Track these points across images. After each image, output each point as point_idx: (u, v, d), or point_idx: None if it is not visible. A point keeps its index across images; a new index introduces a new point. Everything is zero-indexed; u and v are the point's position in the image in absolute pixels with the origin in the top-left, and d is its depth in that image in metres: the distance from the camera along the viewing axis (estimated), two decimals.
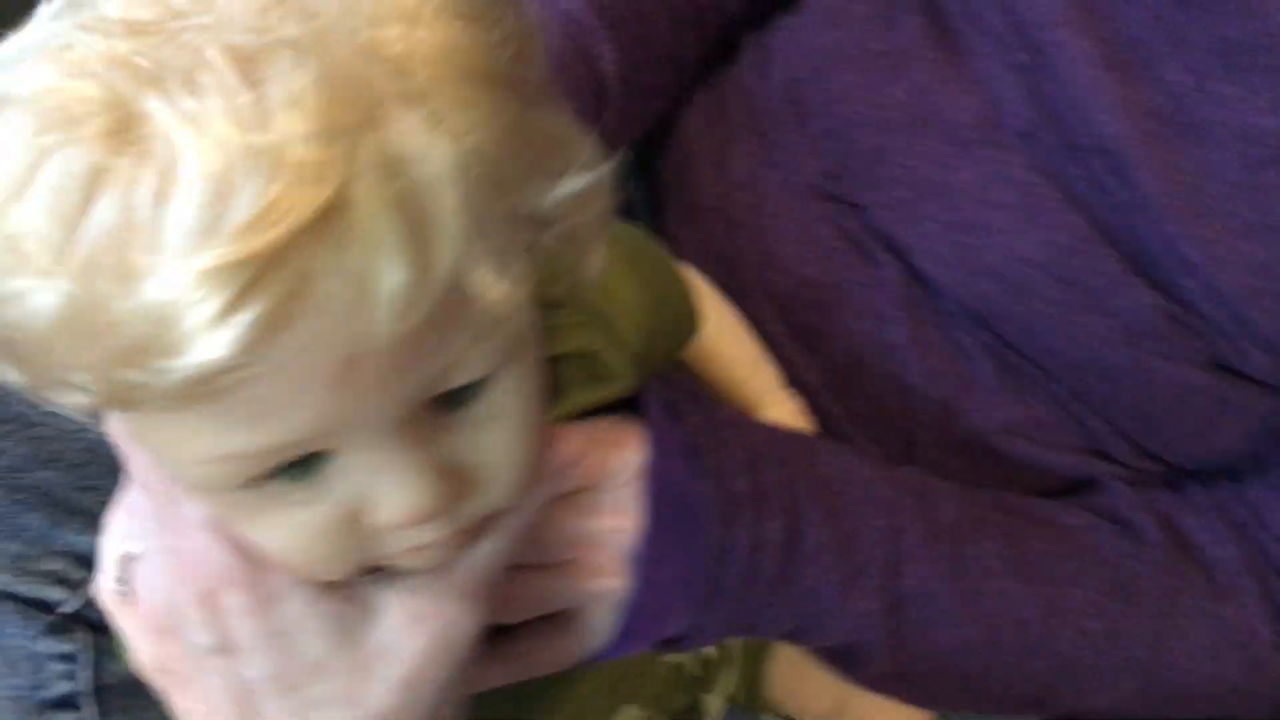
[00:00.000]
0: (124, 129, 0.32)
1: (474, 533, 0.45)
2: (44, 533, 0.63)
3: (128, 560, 0.49)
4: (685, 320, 0.59)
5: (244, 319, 0.32)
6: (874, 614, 0.57)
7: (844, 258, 0.70)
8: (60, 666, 0.62)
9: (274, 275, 0.32)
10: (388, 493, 0.39)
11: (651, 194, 0.81)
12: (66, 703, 0.62)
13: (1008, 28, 0.65)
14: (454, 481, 0.41)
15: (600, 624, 0.53)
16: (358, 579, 0.46)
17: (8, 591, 0.62)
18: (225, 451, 0.37)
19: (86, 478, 0.65)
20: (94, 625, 0.64)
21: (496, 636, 0.50)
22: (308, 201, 0.32)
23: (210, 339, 0.32)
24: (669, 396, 0.55)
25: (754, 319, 0.71)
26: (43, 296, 0.33)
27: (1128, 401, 0.65)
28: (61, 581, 0.64)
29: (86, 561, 0.64)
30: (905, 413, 0.69)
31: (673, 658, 0.63)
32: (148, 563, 0.47)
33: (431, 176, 0.34)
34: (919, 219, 0.67)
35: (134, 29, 0.34)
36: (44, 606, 0.63)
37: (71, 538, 0.64)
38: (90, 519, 0.62)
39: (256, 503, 0.40)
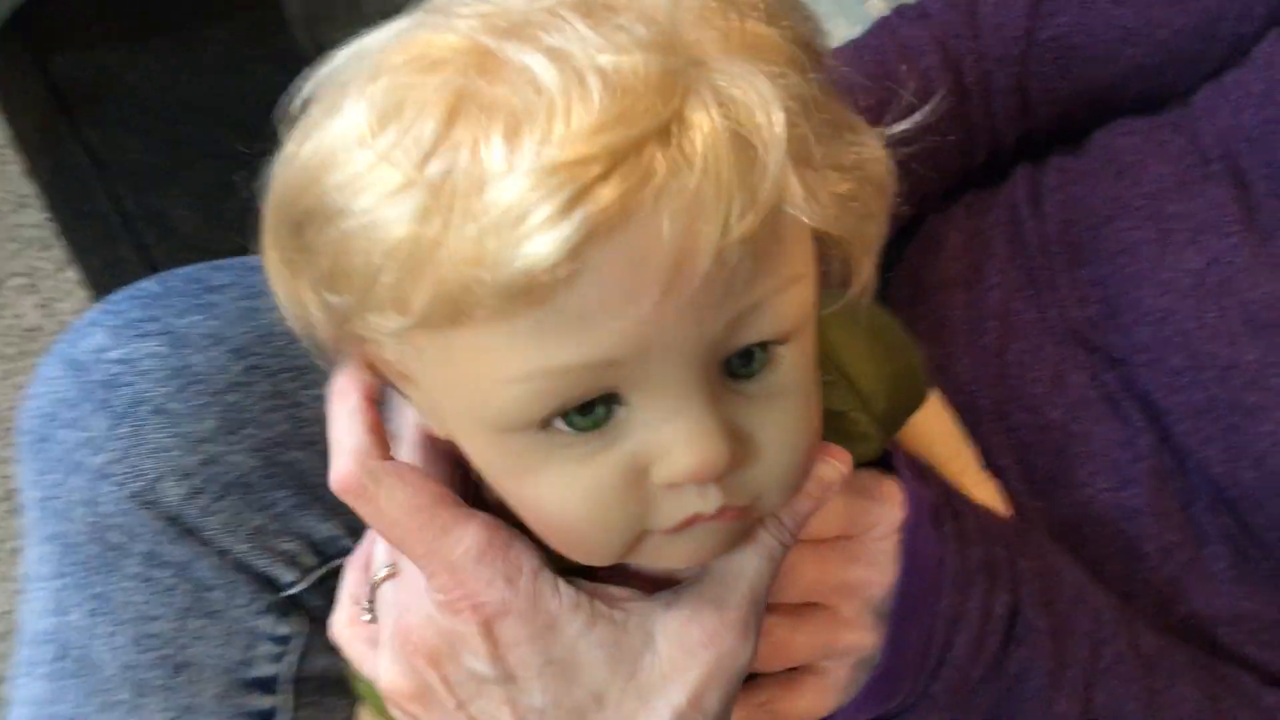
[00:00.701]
0: (482, 63, 0.35)
1: (741, 528, 0.44)
2: (287, 512, 0.64)
3: (378, 586, 0.49)
4: (918, 394, 0.59)
5: (581, 217, 0.34)
6: (1068, 717, 0.55)
7: (1095, 410, 0.68)
8: (273, 648, 0.63)
9: (613, 179, 0.34)
10: (678, 442, 0.39)
11: (888, 280, 0.80)
12: (266, 685, 0.63)
13: None
14: (739, 453, 0.40)
15: (844, 681, 0.52)
16: (632, 606, 0.45)
17: (245, 563, 0.63)
18: (538, 366, 0.36)
19: None
20: (312, 614, 0.65)
21: (743, 688, 0.49)
22: (651, 114, 0.34)
23: (547, 236, 0.33)
24: (913, 461, 0.55)
25: (986, 450, 0.70)
26: (395, 211, 0.35)
27: None
28: (293, 563, 0.65)
29: (320, 549, 0.66)
30: (1127, 581, 0.67)
31: None
32: (409, 588, 0.47)
33: (758, 111, 0.36)
34: (1186, 388, 0.65)
35: (488, 10, 0.37)
36: (273, 585, 0.64)
37: (311, 522, 0.65)
38: (331, 509, 0.65)
39: (542, 454, 0.39)
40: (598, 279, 0.35)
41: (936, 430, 0.66)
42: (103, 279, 1.00)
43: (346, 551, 0.63)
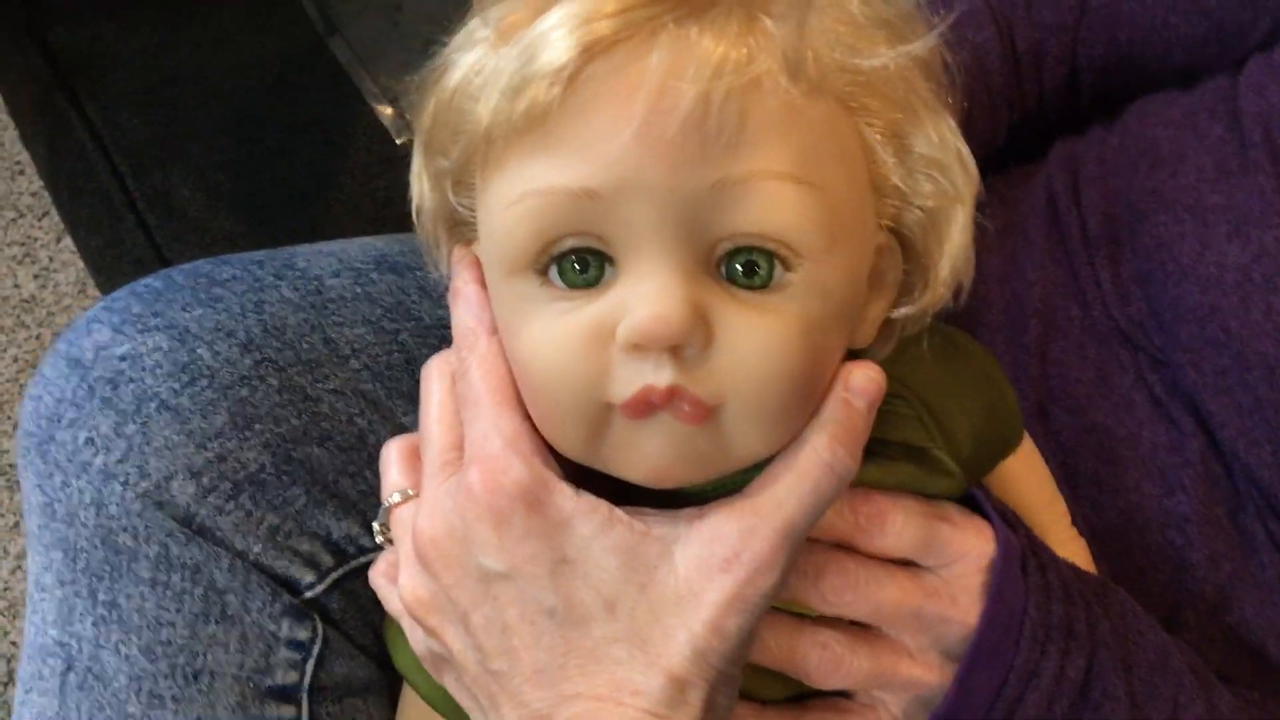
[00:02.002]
0: None
1: (708, 443, 0.43)
2: (303, 510, 0.63)
3: (392, 511, 0.51)
4: (1011, 434, 0.57)
5: (580, 36, 0.40)
6: None
7: (1141, 412, 0.67)
8: (292, 654, 0.61)
9: (618, 19, 0.40)
10: (639, 297, 0.41)
11: None
12: (288, 695, 0.61)
13: None
14: (701, 331, 0.41)
15: (897, 718, 0.50)
16: (654, 520, 0.45)
17: (261, 564, 0.61)
18: (529, 187, 0.42)
19: (352, 464, 0.65)
20: (332, 618, 0.64)
21: (792, 708, 0.48)
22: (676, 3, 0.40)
23: (550, 53, 0.40)
24: (1000, 504, 0.53)
25: None
26: (466, 56, 0.44)
27: None
28: (311, 564, 0.63)
29: (338, 549, 0.64)
30: (1174, 589, 0.65)
31: None
32: (429, 498, 0.48)
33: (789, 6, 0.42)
34: (1232, 388, 0.63)
35: None
36: (290, 587, 0.62)
37: (327, 520, 0.64)
38: (348, 506, 0.65)
39: (534, 306, 0.43)
40: (587, 104, 0.40)
41: (1027, 478, 0.63)
42: (104, 261, 0.98)
43: (365, 552, 0.64)
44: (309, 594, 0.63)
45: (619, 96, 0.40)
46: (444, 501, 0.47)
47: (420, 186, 0.49)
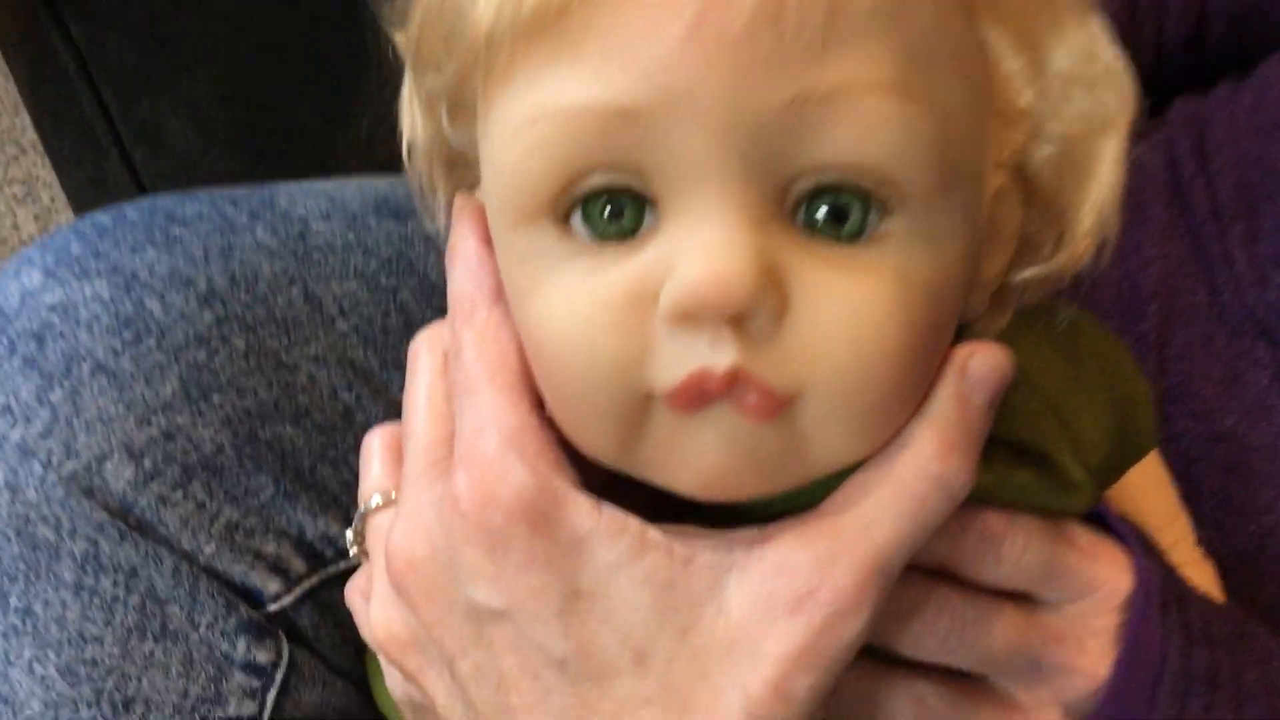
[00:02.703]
0: None
1: (784, 446, 0.36)
2: (270, 503, 0.55)
3: (370, 517, 0.45)
4: (1145, 439, 0.49)
5: None
6: None
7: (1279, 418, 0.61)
8: (249, 680, 0.54)
9: None
10: (690, 251, 0.34)
11: None
12: None
13: None
14: (773, 296, 0.34)
15: None
16: (702, 543, 0.37)
17: (214, 568, 0.53)
18: (549, 104, 0.34)
19: (333, 447, 0.57)
20: (298, 635, 0.56)
21: None
22: None
23: None
24: (1133, 524, 0.46)
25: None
26: None
27: None
28: (277, 569, 0.56)
29: (311, 551, 0.56)
30: None
31: None
32: (416, 494, 0.40)
33: None
34: None
35: None
36: (251, 597, 0.55)
37: (300, 516, 0.56)
38: (327, 500, 0.57)
39: (552, 261, 0.36)
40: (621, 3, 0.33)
41: (1148, 490, 0.56)
42: (86, 199, 0.92)
43: (346, 555, 0.56)
44: (273, 606, 0.55)
45: None
46: (426, 514, 0.40)
47: (411, 116, 0.42)
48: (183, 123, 0.90)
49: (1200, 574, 0.56)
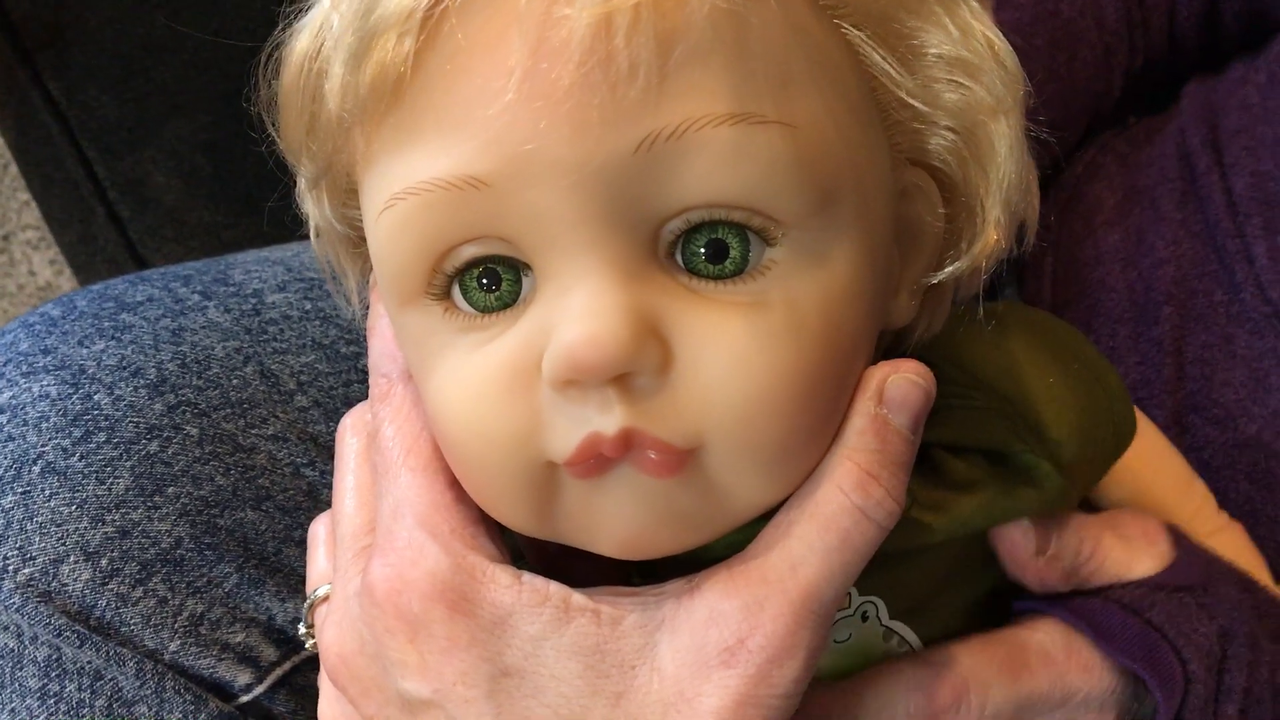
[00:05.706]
0: None
1: (694, 504, 0.35)
2: (235, 592, 0.53)
3: (315, 608, 0.43)
4: (1122, 425, 0.47)
5: None
6: None
7: None
8: None
9: None
10: (563, 318, 0.33)
11: (1022, 259, 0.72)
12: None
13: None
14: (654, 350, 0.33)
15: None
16: (629, 603, 0.36)
17: (177, 664, 0.51)
18: (402, 183, 0.33)
19: (299, 526, 0.55)
20: None
21: None
22: None
23: (392, 6, 0.32)
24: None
25: None
26: (308, 18, 0.36)
27: None
28: (246, 659, 0.53)
29: (283, 637, 0.54)
30: None
31: None
32: (343, 585, 0.39)
33: None
34: None
35: None
36: (221, 691, 0.53)
37: (267, 602, 0.54)
38: (295, 582, 0.55)
39: (440, 341, 0.35)
40: (452, 60, 0.32)
41: (1156, 463, 0.53)
42: (79, 257, 0.90)
43: None
44: (245, 698, 0.53)
45: (491, 41, 0.31)
46: (352, 607, 0.38)
47: (309, 202, 0.40)
48: (167, 175, 0.89)
49: (1229, 539, 0.55)
